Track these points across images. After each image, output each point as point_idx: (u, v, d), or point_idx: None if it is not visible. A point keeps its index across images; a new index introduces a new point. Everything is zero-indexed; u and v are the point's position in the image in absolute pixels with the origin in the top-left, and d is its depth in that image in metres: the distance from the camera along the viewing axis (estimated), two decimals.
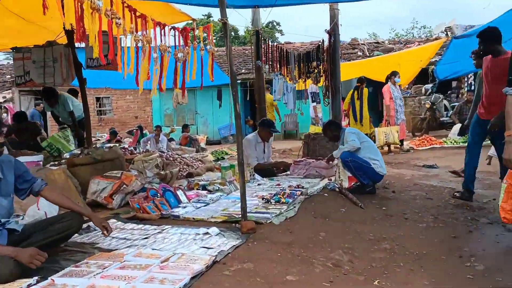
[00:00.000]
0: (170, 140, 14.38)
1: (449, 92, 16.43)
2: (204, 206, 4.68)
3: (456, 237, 3.91)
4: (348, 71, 12.13)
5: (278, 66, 7.05)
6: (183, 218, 4.28)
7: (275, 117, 14.36)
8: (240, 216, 3.92)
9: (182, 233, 3.74)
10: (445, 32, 20.66)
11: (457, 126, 11.68)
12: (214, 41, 5.30)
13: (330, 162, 6.07)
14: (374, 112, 13.41)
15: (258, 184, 5.75)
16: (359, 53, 19.45)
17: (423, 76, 14.68)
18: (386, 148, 10.41)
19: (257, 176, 6.07)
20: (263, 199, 4.80)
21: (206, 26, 5.12)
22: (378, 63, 13.93)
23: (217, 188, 5.38)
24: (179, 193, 4.91)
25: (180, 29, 4.81)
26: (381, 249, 3.56)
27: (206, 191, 5.33)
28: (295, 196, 4.89)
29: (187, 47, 4.80)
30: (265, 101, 8.56)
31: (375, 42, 22.16)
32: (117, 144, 7.88)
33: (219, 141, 18.11)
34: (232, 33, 36.05)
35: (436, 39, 20.63)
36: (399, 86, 11.21)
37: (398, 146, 10.86)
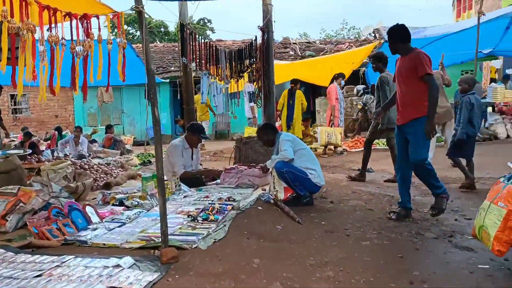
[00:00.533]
0: (92, 141, 13.28)
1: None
2: (119, 226, 3.97)
3: (403, 257, 3.52)
4: (282, 74, 11.81)
5: (206, 64, 6.41)
6: (91, 244, 3.57)
7: (209, 118, 13.74)
8: (160, 240, 3.30)
9: (87, 266, 3.05)
10: (373, 34, 21.14)
11: None
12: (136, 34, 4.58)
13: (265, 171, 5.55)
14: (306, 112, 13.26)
15: (185, 196, 5.11)
16: (291, 53, 19.29)
17: (355, 77, 14.71)
18: (321, 150, 10.20)
19: (183, 187, 5.43)
20: (189, 216, 4.18)
21: (116, 14, 4.34)
22: (311, 66, 13.81)
23: (136, 203, 4.67)
24: (89, 211, 4.16)
25: (79, 16, 4.00)
26: (324, 278, 3.08)
27: (123, 207, 4.60)
28: (226, 211, 4.32)
29: (88, 39, 4.00)
30: (193, 102, 7.92)
31: (306, 42, 22.16)
32: (22, 151, 6.84)
33: (148, 142, 17.14)
34: (162, 29, 34.82)
35: (364, 40, 21.07)
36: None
37: (332, 148, 10.68)
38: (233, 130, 16.61)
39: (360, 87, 14.33)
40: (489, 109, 12.08)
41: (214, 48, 6.79)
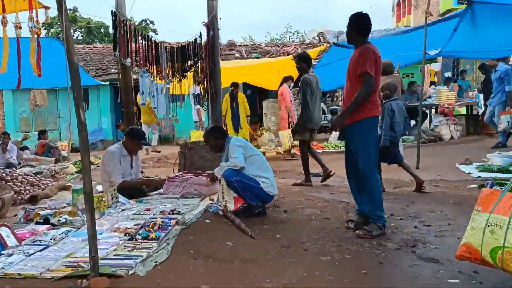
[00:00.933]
0: (23, 148, 12.23)
1: (327, 95, 16.65)
2: (41, 250, 3.36)
3: (368, 273, 3.19)
4: (229, 77, 11.44)
5: (145, 61, 5.82)
6: (3, 274, 2.95)
7: (155, 120, 13.07)
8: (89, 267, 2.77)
9: None
10: (318, 37, 21.33)
11: None
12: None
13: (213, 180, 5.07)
14: (253, 115, 12.97)
15: (122, 210, 4.55)
16: (237, 55, 18.94)
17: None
18: (271, 154, 9.93)
19: (121, 199, 4.85)
20: (126, 234, 3.64)
21: None
22: (258, 69, 13.55)
23: (64, 220, 4.06)
24: (5, 232, 3.51)
25: None
26: None
27: (48, 226, 3.97)
28: (169, 227, 3.81)
29: None
30: (134, 104, 7.30)
31: (252, 45, 21.91)
32: None
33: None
34: (102, 30, 33.41)
35: (310, 43, 21.15)
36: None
37: (282, 152, 10.41)
38: (179, 134, 15.94)
39: None
40: (433, 110, 12.28)
41: (153, 42, 6.19)
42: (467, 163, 7.41)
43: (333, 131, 11.80)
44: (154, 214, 4.26)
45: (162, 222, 3.89)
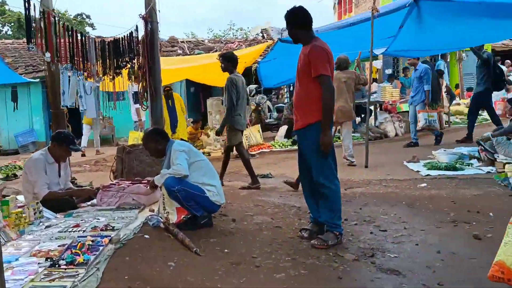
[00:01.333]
0: None
1: (272, 93, 16.42)
2: None
3: None
4: (172, 74, 10.89)
5: (69, 57, 5.14)
6: None
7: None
8: None
9: None
10: (262, 34, 21.18)
11: (284, 128, 11.36)
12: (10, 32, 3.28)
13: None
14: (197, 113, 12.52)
15: (47, 227, 3.96)
16: (179, 51, 18.31)
17: (246, 77, 14.23)
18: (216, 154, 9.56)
19: (46, 213, 4.26)
20: (47, 259, 3.11)
21: None
22: (202, 66, 13.04)
23: None
24: None
25: None
26: None
27: None
28: (101, 247, 3.31)
29: None
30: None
31: (195, 41, 21.34)
32: None
33: (17, 151, 14.96)
34: (34, 24, 31.39)
35: (253, 40, 20.89)
36: None
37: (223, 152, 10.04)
38: (118, 134, 15.08)
39: (253, 86, 13.89)
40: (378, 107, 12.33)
41: (80, 36, 5.55)
42: (414, 161, 7.37)
43: (280, 129, 11.58)
44: (84, 231, 3.72)
45: (92, 241, 3.37)
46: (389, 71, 17.92)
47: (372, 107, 11.95)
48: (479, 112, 10.48)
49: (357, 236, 3.98)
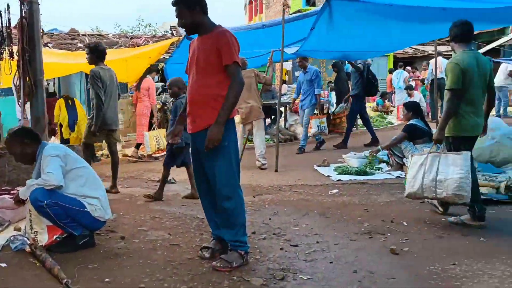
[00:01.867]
0: None
1: None
2: None
3: None
4: (70, 66, 9.81)
5: None
6: None
7: None
8: None
9: None
10: (171, 31, 20.65)
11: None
12: None
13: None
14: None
15: None
16: (80, 45, 16.92)
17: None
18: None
19: None
20: None
21: None
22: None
23: None
24: None
25: None
26: None
27: None
28: None
29: None
30: None
31: (98, 35, 19.96)
32: None
33: None
34: None
35: (162, 36, 20.08)
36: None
37: (127, 154, 9.20)
38: (5, 133, 13.44)
39: (159, 84, 13.08)
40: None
41: None
42: (325, 165, 7.14)
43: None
44: None
45: None
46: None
47: (282, 109, 11.79)
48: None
49: (266, 254, 3.50)
